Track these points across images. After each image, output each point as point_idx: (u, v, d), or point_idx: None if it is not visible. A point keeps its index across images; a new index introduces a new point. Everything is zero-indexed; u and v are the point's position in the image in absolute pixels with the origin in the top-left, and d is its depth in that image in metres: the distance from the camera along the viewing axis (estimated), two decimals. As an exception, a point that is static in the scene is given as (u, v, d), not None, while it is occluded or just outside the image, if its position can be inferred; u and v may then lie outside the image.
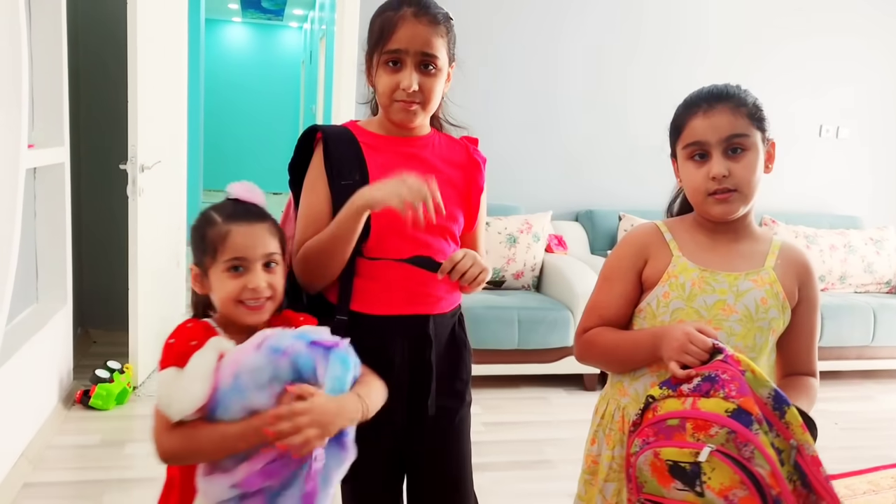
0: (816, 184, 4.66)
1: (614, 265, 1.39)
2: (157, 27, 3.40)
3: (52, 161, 2.92)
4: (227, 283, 1.21)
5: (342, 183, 1.42)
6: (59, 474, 2.58)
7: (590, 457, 1.41)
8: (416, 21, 1.41)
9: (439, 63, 1.43)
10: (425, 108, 1.45)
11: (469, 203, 1.54)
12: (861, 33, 4.58)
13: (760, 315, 1.28)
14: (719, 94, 1.28)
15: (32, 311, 2.94)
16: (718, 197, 1.27)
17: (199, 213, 1.29)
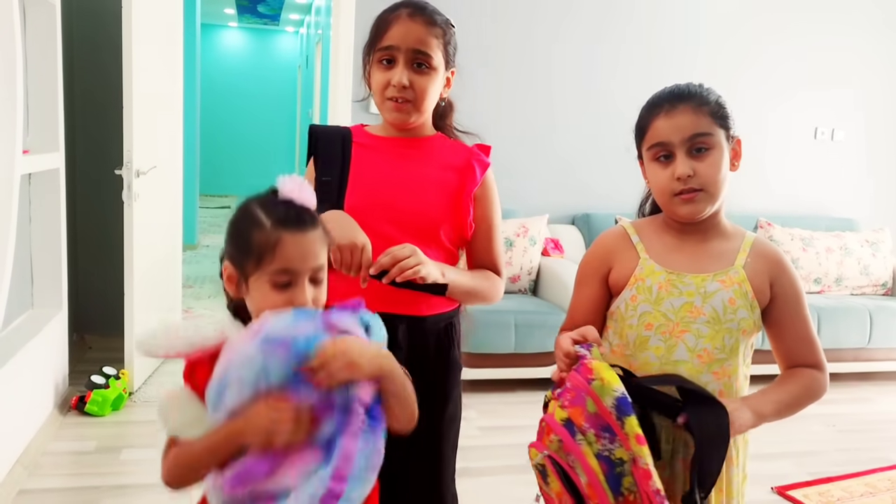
0: (812, 186, 4.67)
1: (581, 270, 1.41)
2: (152, 32, 3.40)
3: (47, 166, 2.91)
4: (272, 297, 1.08)
5: (322, 179, 1.44)
6: (55, 481, 2.57)
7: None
8: (411, 20, 1.43)
9: (433, 63, 1.43)
10: (418, 106, 1.44)
11: (457, 207, 1.49)
12: (856, 35, 4.59)
13: (728, 316, 1.27)
14: (681, 94, 1.27)
15: (28, 317, 2.94)
16: (684, 197, 1.26)
17: (240, 207, 1.14)
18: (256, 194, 1.16)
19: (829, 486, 2.81)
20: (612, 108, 4.29)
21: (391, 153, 1.49)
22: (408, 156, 1.49)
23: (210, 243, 7.33)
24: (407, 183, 1.46)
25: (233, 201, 10.80)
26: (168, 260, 3.86)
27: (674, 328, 1.27)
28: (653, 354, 1.27)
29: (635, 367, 1.28)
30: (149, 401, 3.28)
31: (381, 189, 1.45)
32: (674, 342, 1.27)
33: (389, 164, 1.47)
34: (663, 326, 1.27)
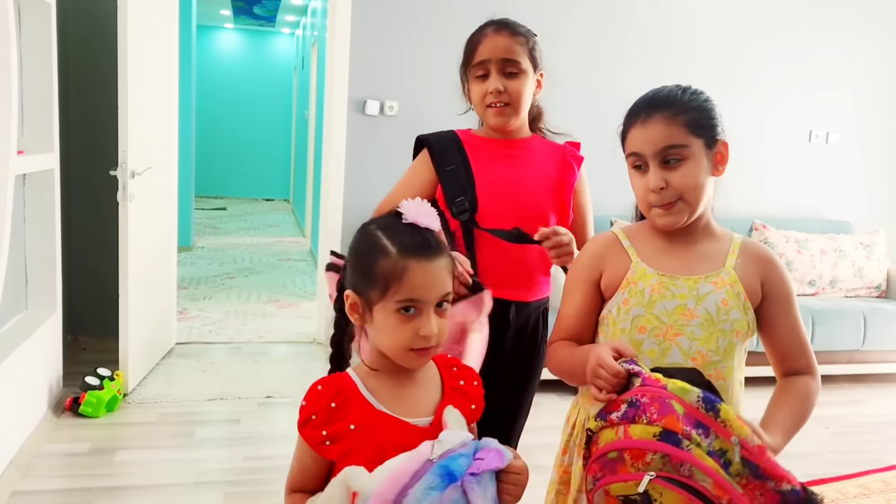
0: (807, 189, 4.68)
1: (571, 276, 1.39)
2: (147, 33, 3.40)
3: (41, 167, 2.90)
4: (399, 327, 1.05)
5: (446, 169, 1.68)
6: (49, 482, 2.57)
7: (561, 467, 1.38)
8: (497, 34, 1.66)
9: (522, 67, 1.65)
10: (515, 109, 1.66)
11: (561, 200, 1.72)
12: (851, 39, 4.61)
13: (722, 317, 1.26)
14: (657, 103, 1.26)
15: (22, 318, 2.93)
16: (662, 208, 1.26)
17: (363, 231, 1.11)
18: (377, 218, 1.13)
19: (822, 487, 2.82)
20: (608, 111, 4.27)
21: (501, 153, 1.70)
22: (515, 156, 1.71)
23: (205, 244, 7.33)
24: (521, 180, 1.68)
25: (228, 203, 10.79)
26: (163, 261, 3.86)
27: (667, 331, 1.26)
28: (647, 358, 1.26)
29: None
30: (143, 402, 3.28)
31: (501, 184, 1.67)
32: (667, 345, 1.26)
33: (502, 162, 1.69)
34: (657, 329, 1.26)
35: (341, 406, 1.07)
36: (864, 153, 4.77)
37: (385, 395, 1.10)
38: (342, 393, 1.08)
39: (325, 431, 1.05)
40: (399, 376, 1.11)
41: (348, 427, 1.05)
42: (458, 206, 1.64)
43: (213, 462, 2.81)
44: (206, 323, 4.55)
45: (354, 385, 1.09)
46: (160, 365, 3.76)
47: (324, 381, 1.10)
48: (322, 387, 1.08)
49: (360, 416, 1.07)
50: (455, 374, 1.18)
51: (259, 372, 3.77)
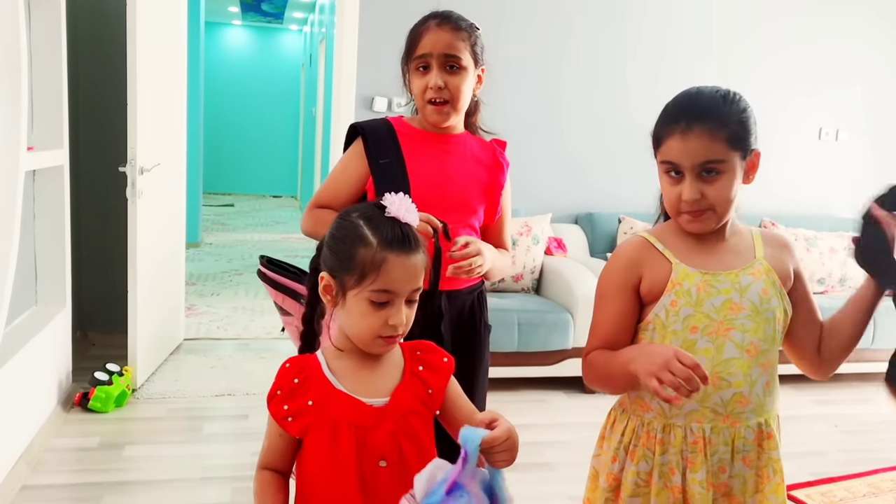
0: (816, 187, 4.66)
1: (607, 283, 1.36)
2: (156, 30, 3.41)
3: (51, 163, 2.92)
4: (369, 315, 1.11)
5: (380, 162, 1.65)
6: (58, 477, 2.58)
7: (610, 475, 1.36)
8: (439, 28, 1.64)
9: (463, 63, 1.63)
10: (455, 106, 1.65)
11: (491, 199, 1.73)
12: (861, 36, 4.58)
13: (765, 306, 1.29)
14: (699, 113, 1.24)
15: (31, 314, 2.94)
16: (691, 215, 1.27)
17: (344, 218, 1.16)
18: (359, 206, 1.18)
19: (831, 486, 2.81)
20: (617, 108, 4.28)
21: (435, 148, 1.69)
22: (449, 151, 1.70)
23: (213, 241, 7.34)
24: (453, 176, 1.68)
25: (235, 199, 10.82)
26: (171, 257, 3.87)
27: (719, 327, 1.27)
28: (703, 358, 1.25)
29: None
30: (151, 398, 3.29)
31: (434, 180, 1.66)
32: (721, 341, 1.27)
33: (436, 157, 1.69)
34: (709, 327, 1.27)
35: (303, 383, 1.13)
36: (874, 151, 4.74)
37: (346, 375, 1.15)
38: (304, 370, 1.14)
39: (287, 406, 1.12)
40: (362, 358, 1.16)
41: (307, 403, 1.12)
42: None
43: (221, 457, 2.82)
44: (214, 319, 4.57)
45: (318, 364, 1.16)
46: (168, 361, 3.77)
47: (292, 359, 1.17)
48: (290, 365, 1.15)
49: (319, 394, 1.12)
50: (417, 357, 1.21)
51: (266, 368, 3.77)
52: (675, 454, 1.28)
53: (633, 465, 1.32)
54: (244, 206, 10.35)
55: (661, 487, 1.29)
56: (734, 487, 1.29)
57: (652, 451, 1.30)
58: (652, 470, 1.30)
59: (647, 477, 1.30)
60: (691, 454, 1.27)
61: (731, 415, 1.27)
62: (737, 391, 1.26)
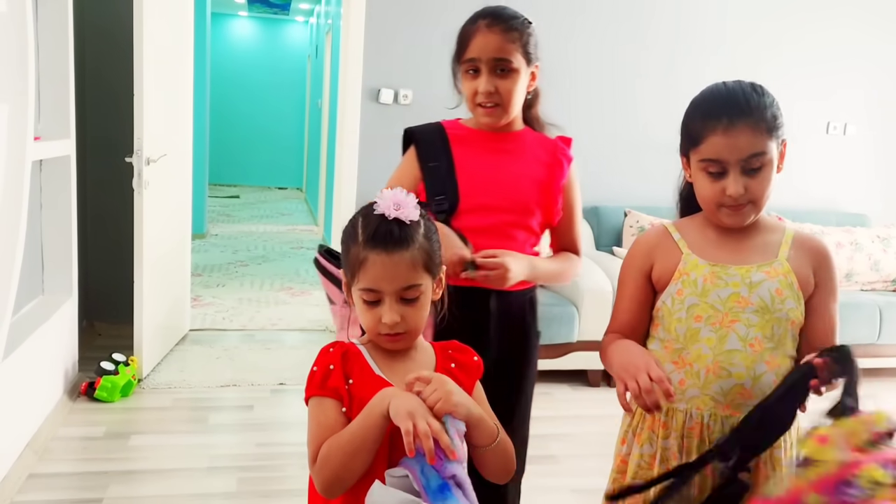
0: (824, 181, 4.64)
1: (623, 269, 1.41)
2: (163, 20, 3.40)
3: (57, 153, 2.92)
4: (364, 311, 1.13)
5: (429, 165, 1.63)
6: (64, 465, 2.60)
7: (619, 456, 1.41)
8: (489, 31, 1.57)
9: (513, 66, 1.58)
10: (506, 108, 1.60)
11: (549, 198, 1.68)
12: (870, 30, 4.55)
13: (777, 306, 1.28)
14: (741, 109, 1.23)
15: (38, 303, 2.95)
16: (732, 209, 1.27)
17: (353, 215, 1.16)
18: (370, 203, 1.15)
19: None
20: (625, 102, 4.26)
21: (487, 147, 1.65)
22: (503, 150, 1.65)
23: (219, 232, 7.36)
24: (506, 177, 1.63)
25: (241, 191, 10.83)
26: (177, 248, 3.88)
27: (723, 318, 1.28)
28: (705, 346, 1.28)
29: (688, 360, 1.30)
30: (157, 388, 3.30)
31: (485, 180, 1.62)
32: (725, 332, 1.28)
33: (488, 158, 1.64)
34: (713, 318, 1.28)
35: (346, 364, 1.13)
36: (883, 146, 4.71)
37: (383, 365, 1.16)
38: (348, 353, 1.15)
39: (334, 383, 1.11)
40: (392, 353, 1.17)
41: (347, 382, 1.11)
42: (438, 205, 1.60)
43: (226, 448, 2.83)
44: (220, 310, 4.58)
45: (359, 350, 1.16)
46: (174, 351, 3.79)
47: (334, 343, 1.16)
48: (333, 348, 1.15)
49: (360, 376, 1.12)
50: (449, 355, 1.22)
51: (272, 359, 3.78)
52: (676, 438, 1.31)
53: (639, 447, 1.35)
54: (250, 197, 10.36)
55: (662, 472, 1.30)
56: None
57: (656, 434, 1.33)
58: (655, 453, 1.32)
59: (651, 460, 1.33)
60: (688, 439, 1.30)
61: (732, 405, 1.28)
62: (738, 382, 1.27)
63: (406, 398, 1.04)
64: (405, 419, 0.99)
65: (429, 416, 1.01)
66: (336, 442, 1.06)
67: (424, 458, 1.00)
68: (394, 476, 1.02)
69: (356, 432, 1.05)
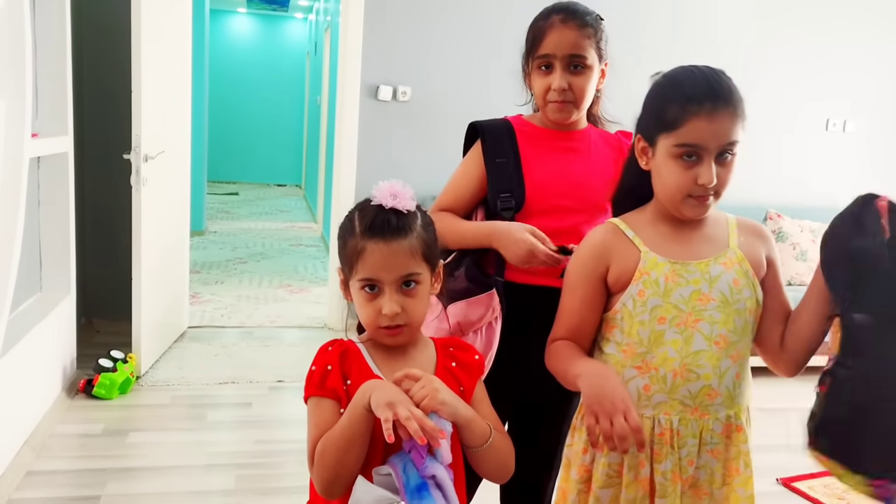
0: (822, 178, 4.63)
1: (575, 271, 1.33)
2: (161, 17, 3.39)
3: (55, 150, 2.92)
4: (365, 304, 1.12)
5: (496, 161, 1.60)
6: (63, 462, 2.59)
7: (582, 466, 1.34)
8: (564, 26, 1.54)
9: (588, 62, 1.56)
10: (578, 105, 1.58)
11: None
12: (868, 26, 4.55)
13: (736, 297, 1.26)
14: (722, 95, 1.20)
15: (36, 300, 2.95)
16: (699, 199, 1.24)
17: (349, 211, 1.17)
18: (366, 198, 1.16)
19: (830, 479, 2.80)
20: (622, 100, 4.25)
21: (557, 146, 1.62)
22: (572, 148, 1.63)
23: (217, 229, 7.35)
24: (575, 174, 1.60)
25: (240, 188, 10.82)
26: (176, 245, 3.87)
27: (687, 318, 1.25)
28: (671, 349, 1.25)
29: (653, 364, 1.25)
30: (156, 385, 3.30)
31: (555, 179, 1.59)
32: (690, 333, 1.24)
33: (555, 156, 1.61)
34: (677, 318, 1.25)
35: (344, 363, 1.13)
36: (882, 142, 4.71)
37: (382, 365, 1.15)
38: (347, 352, 1.15)
39: (331, 384, 1.10)
40: (392, 350, 1.16)
41: (345, 382, 1.11)
42: (504, 203, 1.57)
43: (225, 445, 2.83)
44: (219, 307, 4.58)
45: (358, 349, 1.16)
46: (172, 348, 3.79)
47: (331, 342, 1.16)
48: (332, 347, 1.15)
49: (358, 376, 1.11)
50: (450, 353, 1.21)
51: (270, 356, 3.78)
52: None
53: (604, 456, 1.30)
54: (249, 194, 10.35)
55: (631, 479, 1.27)
56: (700, 479, 1.28)
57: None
58: (622, 461, 1.28)
59: (619, 468, 1.29)
60: (657, 445, 1.26)
61: (700, 407, 1.25)
62: (706, 384, 1.24)
63: (387, 389, 1.04)
64: (385, 409, 0.99)
65: (410, 405, 1.01)
66: (328, 440, 1.06)
67: (409, 457, 1.01)
68: (380, 474, 1.03)
69: (345, 428, 1.05)
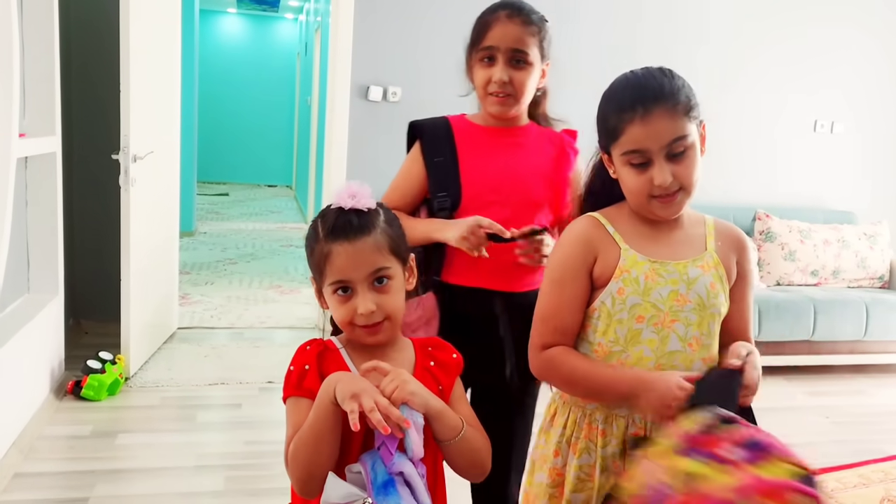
0: (811, 179, 4.66)
1: (562, 265, 1.29)
2: (150, 16, 3.38)
3: (43, 150, 2.90)
4: (337, 307, 1.13)
5: (434, 160, 1.63)
6: (51, 464, 2.58)
7: (553, 470, 1.32)
8: (509, 21, 1.57)
9: (530, 59, 1.58)
10: (517, 99, 1.60)
11: (556, 191, 1.65)
12: (856, 27, 4.57)
13: (711, 301, 1.26)
14: (654, 94, 1.20)
15: (24, 302, 2.93)
16: (663, 200, 1.23)
17: (316, 215, 1.18)
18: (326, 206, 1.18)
19: (823, 476, 2.82)
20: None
21: (494, 142, 1.65)
22: (509, 145, 1.65)
23: (207, 230, 7.32)
24: (511, 172, 1.62)
25: (230, 188, 10.78)
26: (165, 246, 3.85)
27: (664, 318, 1.24)
28: (647, 348, 1.24)
29: (628, 363, 1.25)
30: (145, 386, 3.29)
31: (490, 175, 1.61)
32: (666, 333, 1.24)
33: (493, 153, 1.63)
34: (655, 318, 1.24)
35: (322, 362, 1.13)
36: (869, 143, 4.74)
37: (360, 365, 1.14)
38: (325, 351, 1.15)
39: (310, 384, 1.10)
40: (371, 350, 1.16)
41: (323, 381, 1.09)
42: (440, 203, 1.60)
43: (214, 446, 2.82)
44: (208, 308, 4.56)
45: (337, 349, 1.17)
46: (162, 349, 3.77)
47: (309, 342, 1.17)
48: (310, 347, 1.15)
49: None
50: (428, 353, 1.21)
51: (260, 357, 3.77)
52: (617, 445, 1.26)
53: (576, 458, 1.29)
54: (239, 195, 10.31)
55: (604, 481, 1.25)
56: None
57: (595, 442, 1.28)
58: (595, 463, 1.27)
59: (591, 470, 1.27)
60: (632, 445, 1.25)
61: None
62: None
63: (351, 380, 1.03)
64: (350, 401, 0.99)
65: (376, 394, 1.01)
66: (299, 438, 1.06)
67: (378, 454, 1.01)
68: (351, 471, 1.03)
69: (313, 424, 1.05)
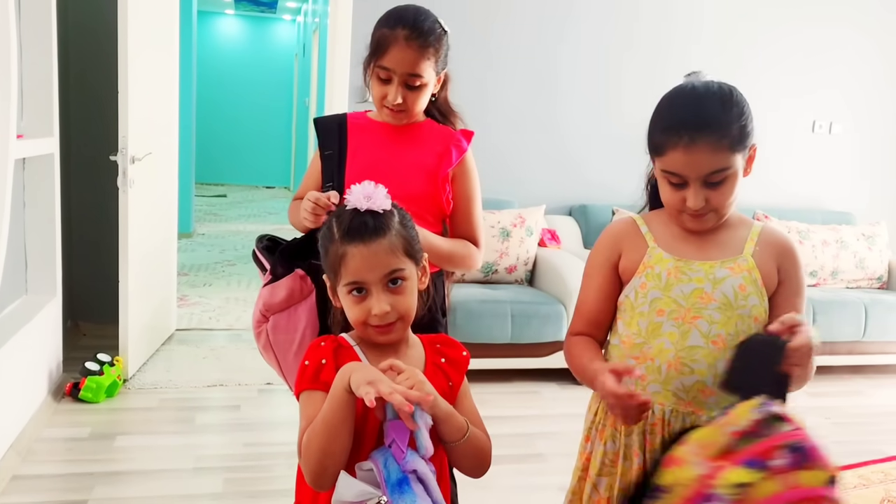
0: (809, 180, 4.67)
1: (591, 261, 1.40)
2: (148, 18, 3.37)
3: (41, 151, 2.89)
4: (352, 307, 1.14)
5: (325, 153, 1.71)
6: (49, 467, 2.57)
7: (583, 454, 1.41)
8: (406, 45, 1.60)
9: (424, 80, 1.63)
10: (410, 114, 1.68)
11: (434, 186, 1.69)
12: (855, 28, 4.58)
13: (740, 302, 1.27)
14: (703, 125, 1.20)
15: (21, 303, 2.92)
16: (694, 216, 1.28)
17: (331, 214, 1.21)
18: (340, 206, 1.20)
19: (822, 477, 2.82)
20: (611, 101, 4.27)
21: (382, 137, 1.72)
22: (397, 139, 1.71)
23: (206, 231, 7.31)
24: (393, 164, 1.68)
25: (228, 190, 10.77)
26: (163, 247, 3.85)
27: (686, 314, 1.27)
28: (667, 341, 1.28)
29: (649, 354, 1.29)
30: (143, 388, 3.28)
31: (371, 167, 1.66)
32: (687, 328, 1.27)
33: (380, 146, 1.70)
34: (675, 312, 1.28)
35: (337, 357, 1.14)
36: (868, 144, 4.75)
37: (373, 362, 1.14)
38: (340, 348, 1.17)
39: (326, 377, 1.10)
40: (383, 348, 1.17)
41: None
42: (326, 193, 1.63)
43: (213, 448, 2.81)
44: (206, 309, 4.55)
45: (350, 346, 1.18)
46: (160, 351, 3.76)
47: (323, 338, 1.18)
48: (324, 343, 1.16)
49: None
50: (438, 350, 1.23)
51: (259, 359, 3.73)
52: (638, 435, 1.30)
53: (602, 444, 1.35)
54: (237, 196, 10.31)
55: (626, 468, 1.31)
56: None
57: (619, 430, 1.33)
58: (619, 450, 1.32)
59: (615, 457, 1.33)
60: (650, 435, 1.29)
61: (694, 402, 1.27)
62: (699, 379, 1.26)
63: (367, 370, 1.04)
64: (366, 387, 1.00)
65: (391, 383, 1.02)
66: (313, 429, 1.06)
67: (390, 451, 1.02)
68: (362, 469, 1.03)
69: (326, 414, 1.05)
